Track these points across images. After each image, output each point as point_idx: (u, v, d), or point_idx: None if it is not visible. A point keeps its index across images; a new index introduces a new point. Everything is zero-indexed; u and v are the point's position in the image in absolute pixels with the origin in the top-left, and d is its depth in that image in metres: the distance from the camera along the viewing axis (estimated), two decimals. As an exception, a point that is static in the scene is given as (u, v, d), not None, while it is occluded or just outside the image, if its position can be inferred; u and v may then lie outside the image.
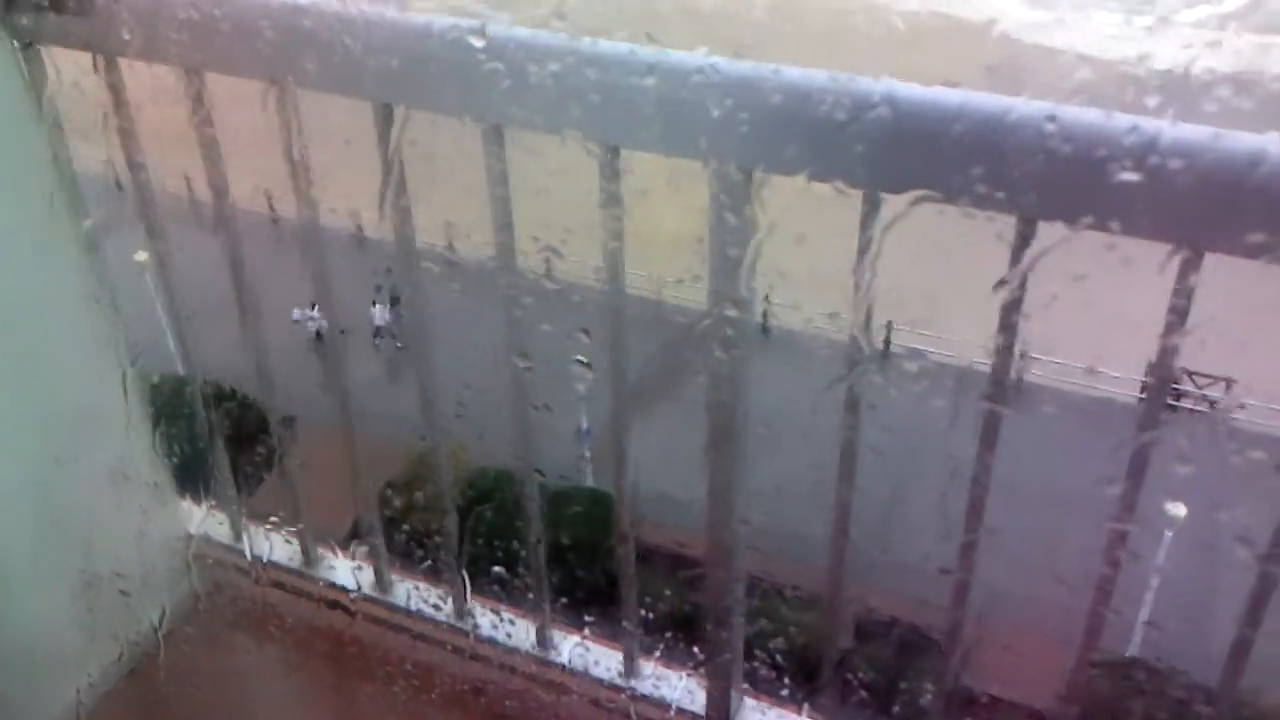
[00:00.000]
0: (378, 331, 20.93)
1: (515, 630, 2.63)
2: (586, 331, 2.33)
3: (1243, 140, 1.33)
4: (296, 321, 17.90)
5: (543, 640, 2.59)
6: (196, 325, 2.61)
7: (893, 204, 1.66)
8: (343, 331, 2.73)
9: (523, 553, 2.51)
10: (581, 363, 2.33)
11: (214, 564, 2.83)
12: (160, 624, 2.73)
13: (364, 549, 2.75)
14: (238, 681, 2.82)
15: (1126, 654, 14.97)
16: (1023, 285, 1.61)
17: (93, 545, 2.60)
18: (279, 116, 2.03)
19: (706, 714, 2.43)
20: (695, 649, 2.58)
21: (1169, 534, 15.97)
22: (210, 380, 2.68)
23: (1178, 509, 15.86)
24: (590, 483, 16.94)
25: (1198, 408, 19.25)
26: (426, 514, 2.75)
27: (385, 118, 1.93)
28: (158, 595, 2.74)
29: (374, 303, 20.88)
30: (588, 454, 17.55)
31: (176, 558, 2.81)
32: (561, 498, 14.80)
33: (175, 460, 2.83)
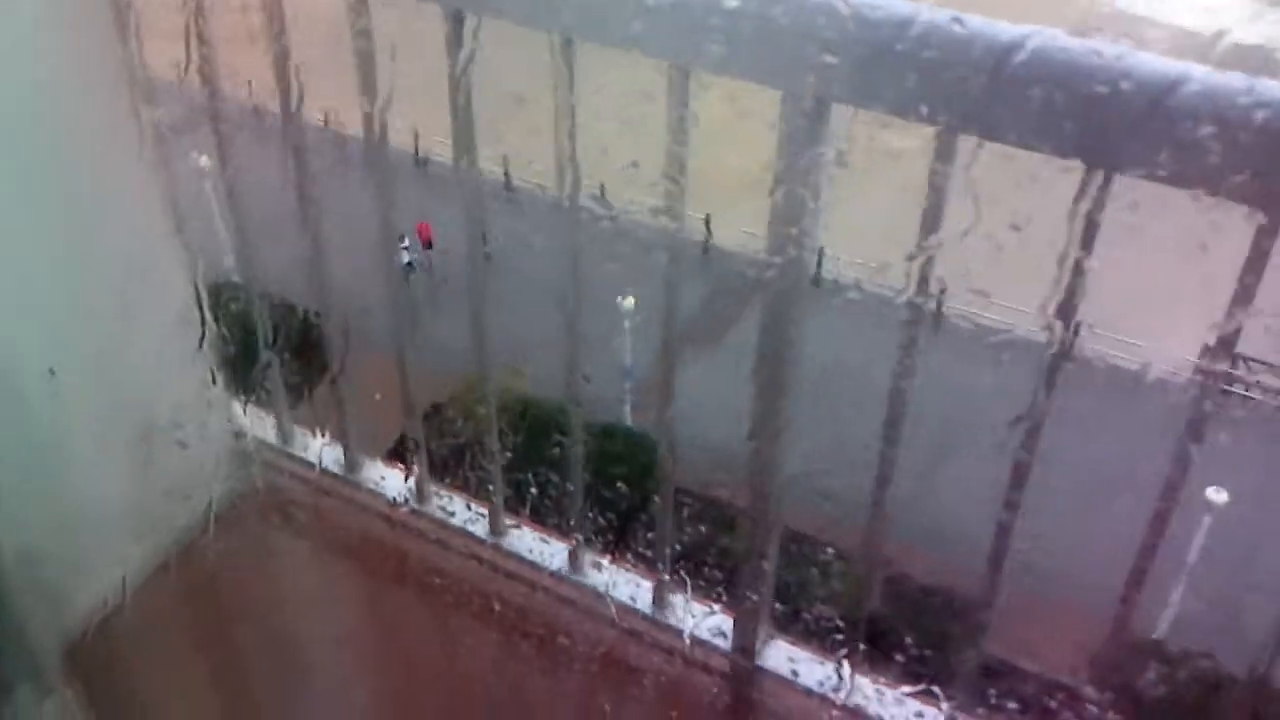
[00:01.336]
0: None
1: (548, 551, 2.66)
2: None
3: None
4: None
5: (575, 563, 2.62)
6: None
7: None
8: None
9: (561, 480, 2.54)
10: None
11: (262, 464, 2.88)
12: (207, 514, 2.78)
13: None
14: (277, 577, 2.88)
15: (1154, 636, 14.89)
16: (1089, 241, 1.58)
17: (141, 430, 2.64)
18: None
19: (733, 649, 2.45)
20: (723, 587, 2.61)
21: (1208, 519, 15.79)
22: (271, 294, 2.72)
23: (1220, 495, 15.68)
24: (629, 421, 16.96)
25: (1250, 394, 18.96)
26: (471, 433, 2.79)
27: (456, 26, 1.92)
28: (207, 486, 2.79)
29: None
30: (629, 393, 17.56)
31: (226, 452, 2.86)
32: (602, 434, 14.84)
33: (230, 364, 2.87)
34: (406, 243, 17.83)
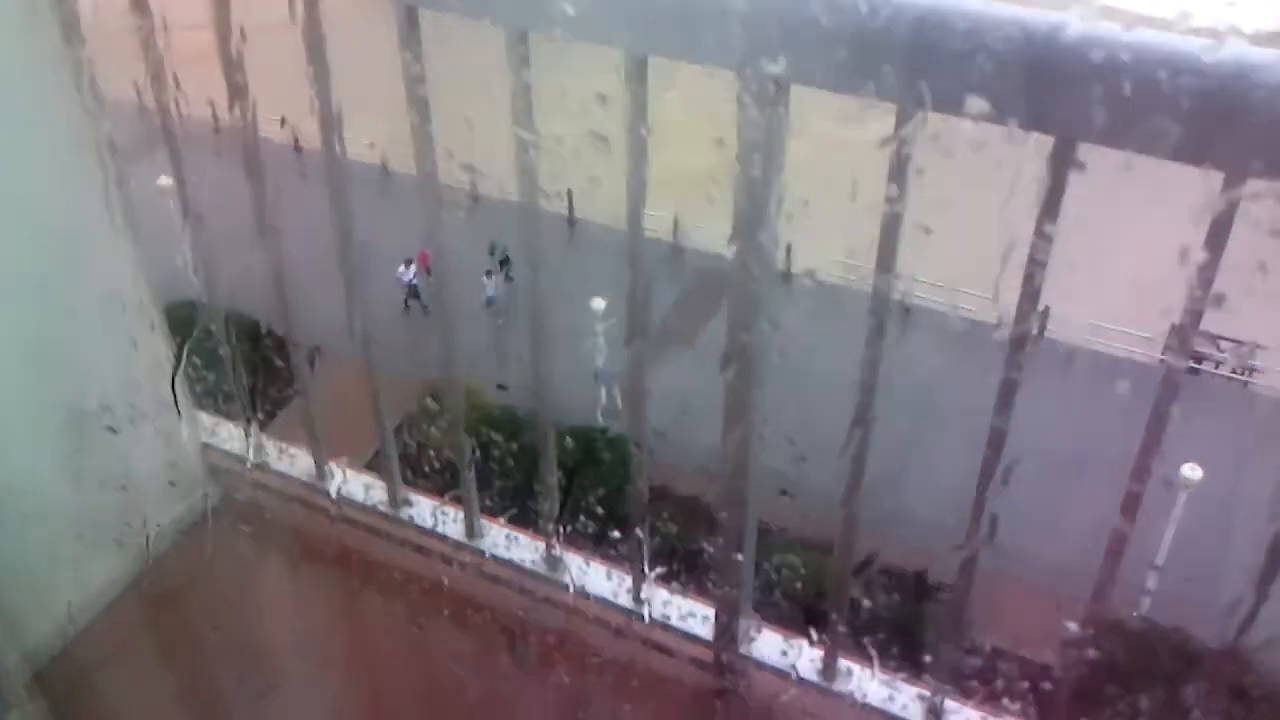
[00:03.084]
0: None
1: (524, 550, 2.64)
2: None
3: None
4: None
5: (551, 560, 2.60)
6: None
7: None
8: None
9: (534, 483, 2.53)
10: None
11: (228, 474, 2.84)
12: (168, 528, 2.74)
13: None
14: (247, 589, 2.84)
15: (1136, 614, 15.01)
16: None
17: (110, 445, 2.61)
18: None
19: (715, 639, 2.44)
20: (704, 579, 2.59)
21: (1184, 495, 15.94)
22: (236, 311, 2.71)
23: (1194, 471, 15.83)
24: (601, 422, 16.91)
25: (1219, 371, 19.17)
26: (442, 441, 2.77)
27: (410, 20, 1.90)
28: (170, 501, 2.76)
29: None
30: (604, 396, 17.53)
31: (191, 465, 2.82)
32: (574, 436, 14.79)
33: (198, 378, 2.84)
34: (413, 270, 17.82)
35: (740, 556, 2.31)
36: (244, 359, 2.76)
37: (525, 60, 1.85)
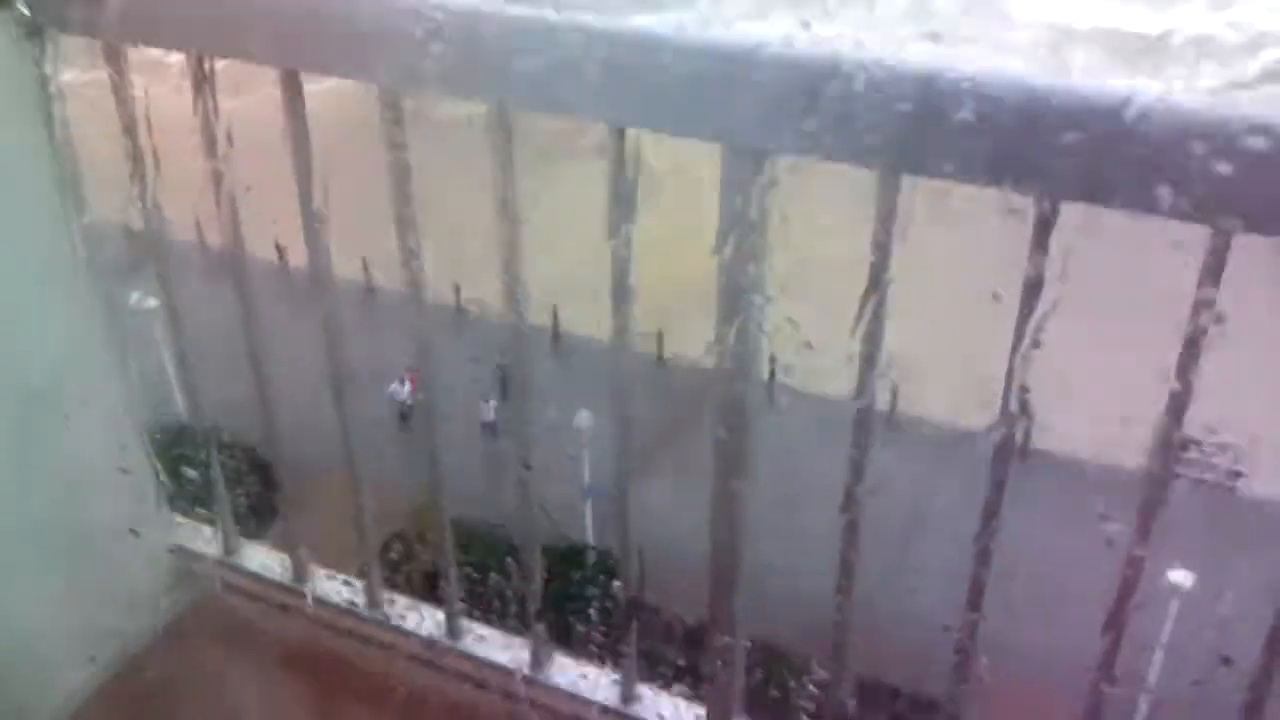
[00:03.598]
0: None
1: (509, 651, 2.55)
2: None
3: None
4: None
5: (537, 662, 2.51)
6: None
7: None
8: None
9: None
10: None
11: (203, 578, 2.77)
12: (145, 634, 2.66)
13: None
14: (226, 692, 2.74)
15: (1132, 727, 14.68)
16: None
17: (82, 550, 2.54)
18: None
19: (705, 736, 2.35)
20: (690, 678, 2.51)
21: (1175, 604, 15.73)
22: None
23: (1184, 578, 15.66)
24: (592, 539, 16.79)
25: (1204, 476, 19.11)
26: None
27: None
28: (145, 606, 2.68)
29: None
30: (590, 512, 17.40)
31: (165, 570, 2.75)
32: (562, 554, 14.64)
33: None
34: (406, 389, 17.70)
35: (731, 654, 2.24)
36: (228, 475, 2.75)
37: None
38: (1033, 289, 1.56)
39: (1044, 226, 1.50)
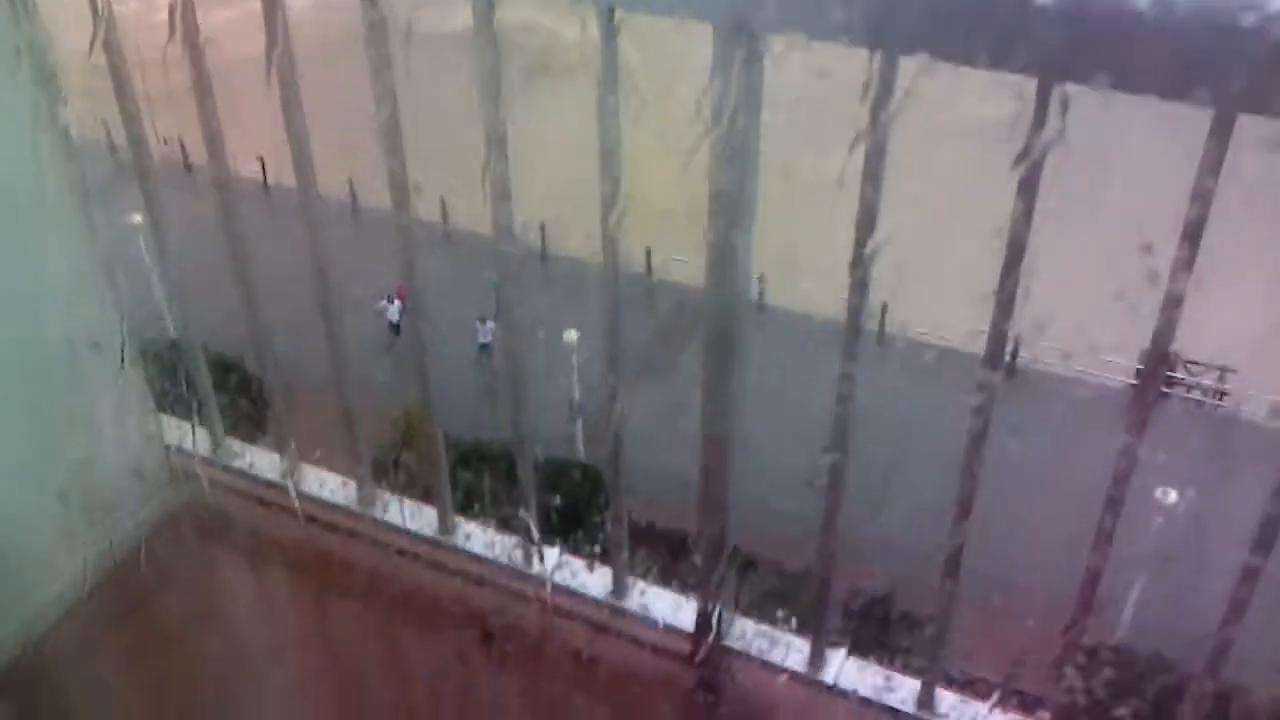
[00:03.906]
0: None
1: (501, 546, 2.56)
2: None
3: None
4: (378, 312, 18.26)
5: (528, 556, 2.52)
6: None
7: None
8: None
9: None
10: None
11: (193, 477, 2.76)
12: (138, 530, 2.66)
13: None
14: (217, 587, 2.76)
15: (1113, 641, 14.93)
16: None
17: (74, 451, 2.54)
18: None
19: (695, 630, 2.37)
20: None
21: (1159, 520, 15.91)
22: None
23: (1168, 495, 15.81)
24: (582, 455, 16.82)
25: (1191, 395, 19.24)
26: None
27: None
28: (138, 503, 2.68)
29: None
30: (580, 428, 17.43)
31: (158, 468, 2.74)
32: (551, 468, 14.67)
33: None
34: (395, 305, 17.67)
35: (719, 546, 2.25)
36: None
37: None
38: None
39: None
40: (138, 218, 2.46)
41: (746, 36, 1.60)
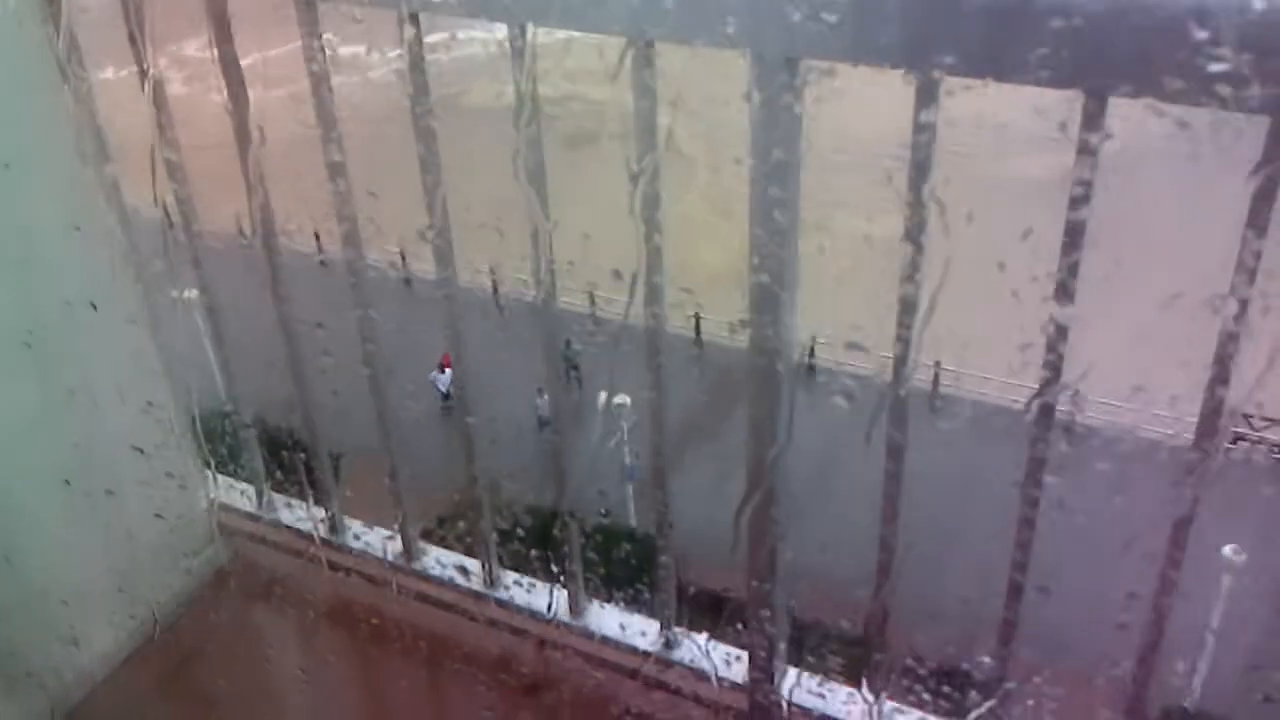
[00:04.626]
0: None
1: (546, 599, 2.51)
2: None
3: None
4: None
5: (576, 608, 2.46)
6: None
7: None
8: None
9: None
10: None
11: (238, 535, 2.75)
12: (184, 589, 2.64)
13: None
14: (263, 648, 2.73)
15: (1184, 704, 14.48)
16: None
17: (121, 512, 2.53)
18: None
19: (749, 682, 2.29)
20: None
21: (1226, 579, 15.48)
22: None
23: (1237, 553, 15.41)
24: (633, 522, 16.72)
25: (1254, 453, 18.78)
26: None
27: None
28: (183, 561, 2.66)
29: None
30: (631, 492, 17.33)
31: (201, 526, 2.73)
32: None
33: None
34: (447, 375, 17.81)
35: (772, 597, 2.18)
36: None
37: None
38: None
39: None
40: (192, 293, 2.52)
41: (786, 62, 1.57)
